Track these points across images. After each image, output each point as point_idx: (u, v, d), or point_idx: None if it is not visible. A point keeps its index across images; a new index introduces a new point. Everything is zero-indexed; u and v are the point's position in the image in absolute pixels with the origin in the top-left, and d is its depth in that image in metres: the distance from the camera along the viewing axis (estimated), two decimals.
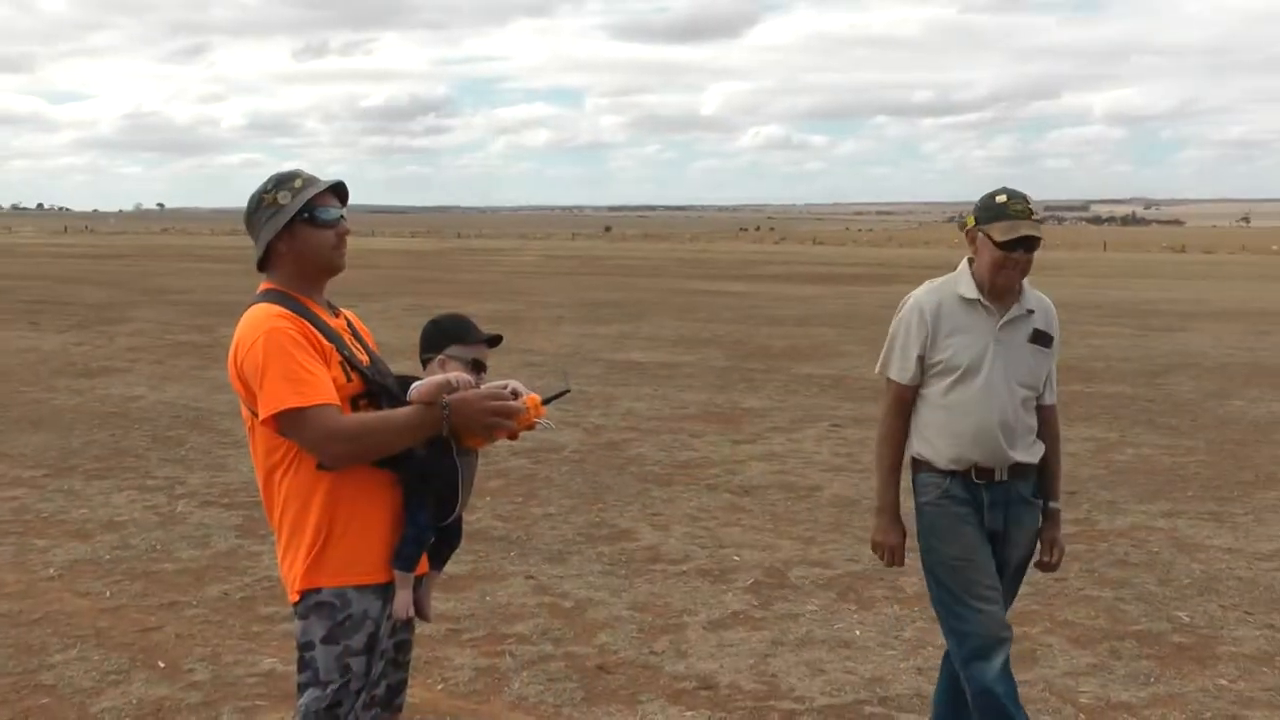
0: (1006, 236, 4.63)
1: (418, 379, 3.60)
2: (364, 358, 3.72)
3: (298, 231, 3.65)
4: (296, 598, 3.60)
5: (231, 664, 6.34)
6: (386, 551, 3.62)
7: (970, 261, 4.84)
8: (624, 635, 6.83)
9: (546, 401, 3.62)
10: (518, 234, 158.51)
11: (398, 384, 3.66)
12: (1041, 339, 4.81)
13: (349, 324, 3.83)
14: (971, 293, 4.78)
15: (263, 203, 3.69)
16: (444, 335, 3.77)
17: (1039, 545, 4.95)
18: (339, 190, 3.75)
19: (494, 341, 3.82)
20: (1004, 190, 4.76)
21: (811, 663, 6.45)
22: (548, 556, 8.35)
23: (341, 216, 3.72)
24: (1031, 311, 4.81)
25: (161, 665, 6.33)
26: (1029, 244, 4.67)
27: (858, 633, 6.93)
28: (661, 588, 7.71)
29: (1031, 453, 4.82)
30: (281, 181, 3.69)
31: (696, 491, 10.32)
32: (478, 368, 3.71)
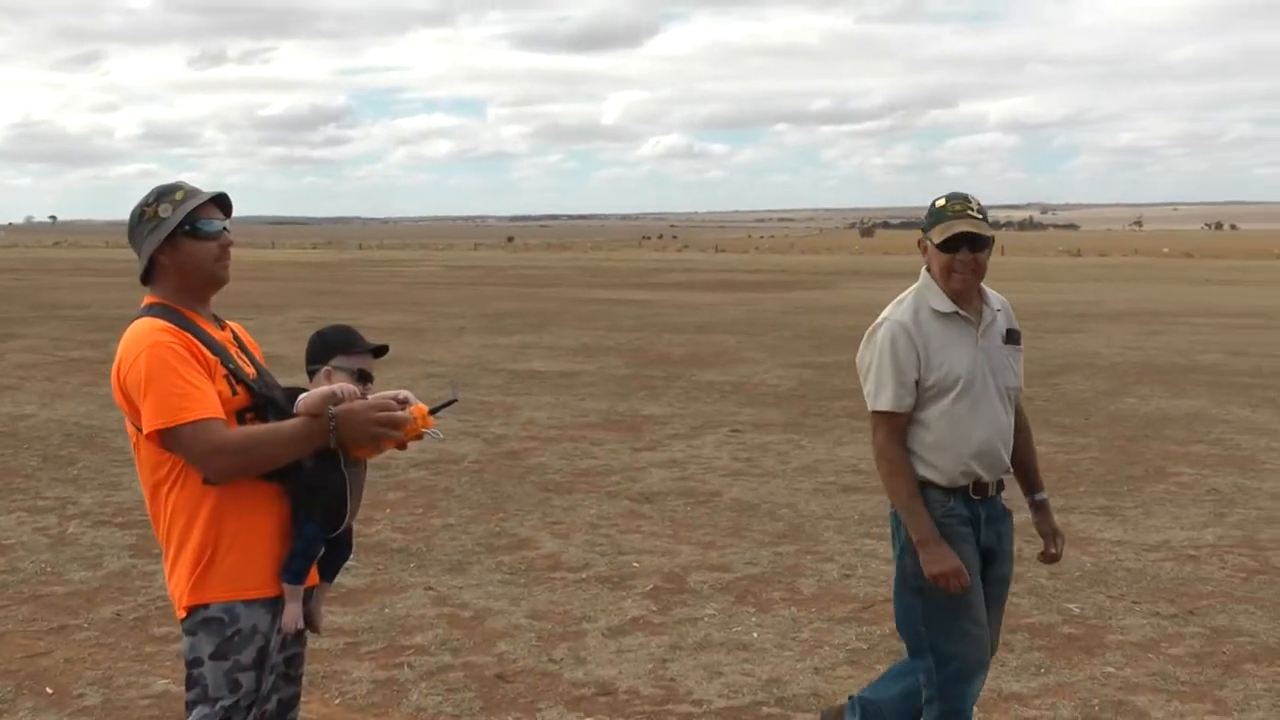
0: (942, 237, 4.54)
1: (305, 391, 3.59)
2: (250, 370, 3.69)
3: (180, 244, 3.62)
4: (184, 614, 3.58)
5: (124, 687, 6.23)
6: (275, 565, 3.60)
7: (929, 273, 4.70)
8: (523, 644, 6.83)
9: (434, 411, 3.63)
10: (419, 245, 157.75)
11: (285, 396, 3.65)
12: (1013, 337, 4.76)
13: (235, 336, 3.81)
14: (945, 305, 4.64)
15: (144, 216, 3.66)
16: (329, 346, 3.76)
17: (1043, 539, 4.90)
18: (222, 202, 3.73)
19: (379, 351, 3.82)
20: (947, 194, 4.69)
21: (709, 666, 6.48)
22: (447, 567, 8.32)
23: (224, 229, 3.70)
24: (999, 310, 4.76)
25: (50, 691, 6.19)
26: (971, 242, 4.53)
27: (755, 635, 6.98)
28: (561, 595, 7.72)
29: (1013, 454, 4.82)
30: (163, 194, 3.66)
31: (597, 499, 10.33)
32: (363, 378, 3.70)
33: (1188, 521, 9.55)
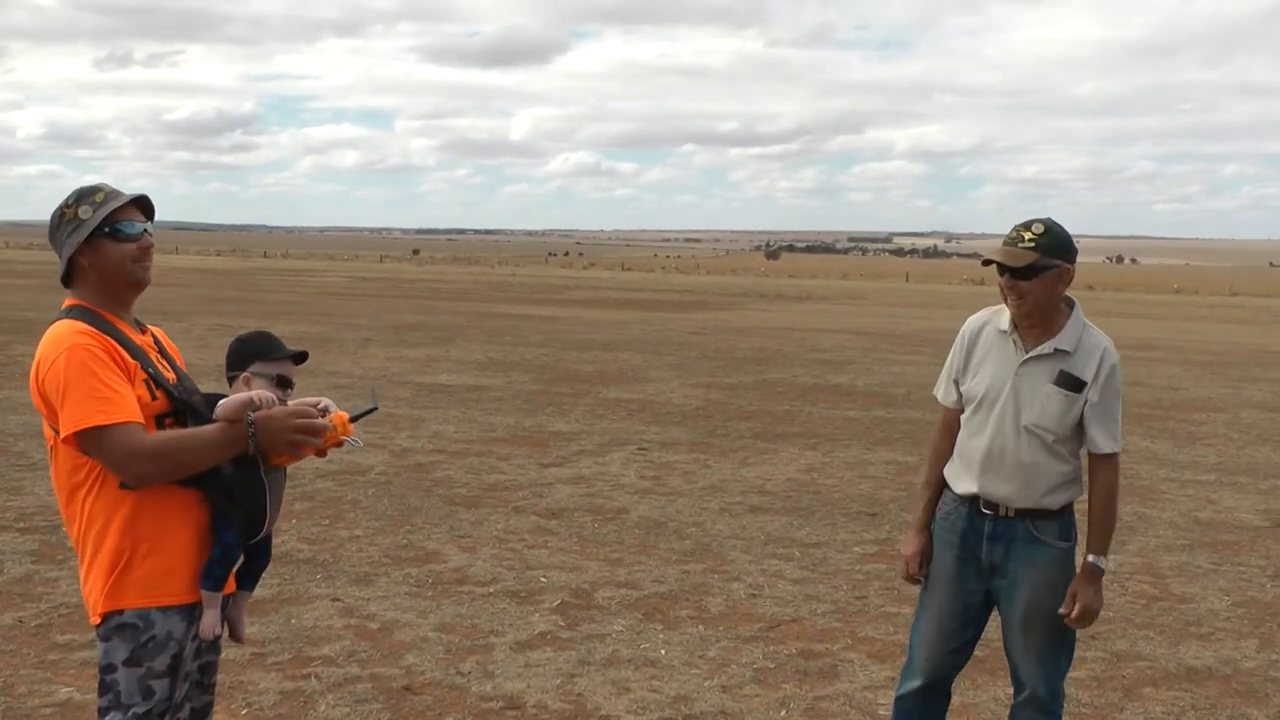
0: (985, 258, 4.67)
1: (226, 397, 3.58)
2: (170, 375, 3.68)
3: (99, 246, 3.60)
4: (98, 620, 3.54)
5: (25, 694, 6.14)
6: (192, 572, 3.58)
7: None
8: (431, 656, 6.82)
9: (354, 419, 3.64)
10: (325, 255, 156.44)
11: (204, 402, 3.64)
12: (1068, 382, 4.59)
13: (156, 341, 3.79)
14: (1005, 325, 4.71)
15: (64, 217, 3.64)
16: (249, 352, 3.76)
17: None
18: (143, 204, 3.71)
19: (299, 358, 3.82)
20: (1024, 221, 4.66)
21: (618, 682, 6.52)
22: (354, 578, 8.29)
23: (145, 230, 3.68)
24: (1066, 352, 4.61)
25: None
26: (1013, 271, 4.53)
27: (663, 652, 7.02)
28: (469, 609, 7.71)
29: (1050, 499, 4.65)
30: (83, 196, 3.64)
31: (504, 514, 10.33)
32: (283, 384, 3.70)
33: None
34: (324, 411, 3.58)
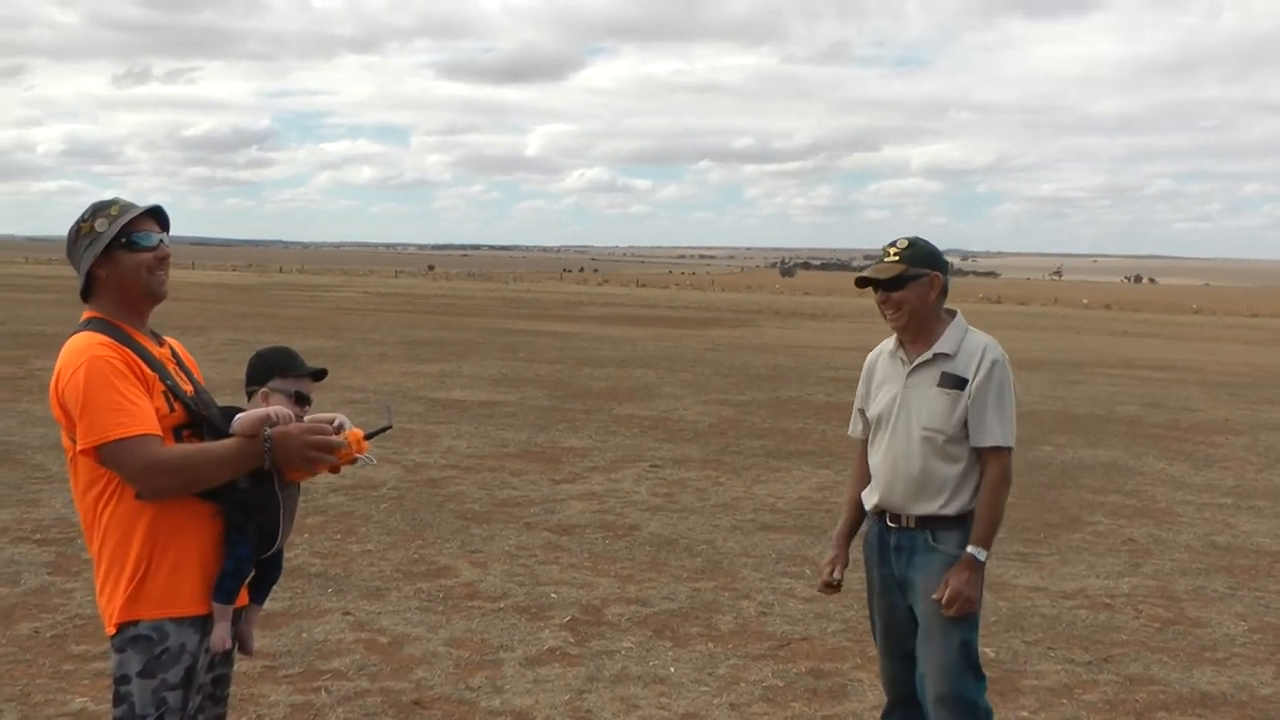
0: (856, 278, 4.87)
1: (242, 410, 3.62)
2: (188, 388, 3.71)
3: (116, 257, 3.64)
4: (114, 630, 3.56)
5: (41, 704, 6.19)
6: (206, 584, 3.61)
7: None
8: (441, 671, 6.85)
9: (369, 436, 3.67)
10: (340, 270, 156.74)
11: (221, 415, 3.67)
12: (950, 381, 4.72)
13: (174, 353, 3.82)
14: (891, 344, 4.96)
15: (81, 231, 3.67)
16: (268, 368, 3.79)
17: None
18: (159, 216, 3.75)
19: (318, 375, 3.85)
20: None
21: (626, 699, 6.54)
22: (365, 593, 8.33)
23: (161, 241, 3.72)
24: (947, 355, 4.77)
25: None
26: (875, 284, 4.77)
27: (672, 669, 7.04)
28: (479, 624, 7.74)
29: (948, 504, 4.73)
30: (99, 209, 3.68)
31: (515, 530, 10.36)
32: (301, 400, 3.74)
33: (1103, 570, 9.73)
34: (339, 429, 3.61)
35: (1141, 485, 13.80)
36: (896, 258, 4.75)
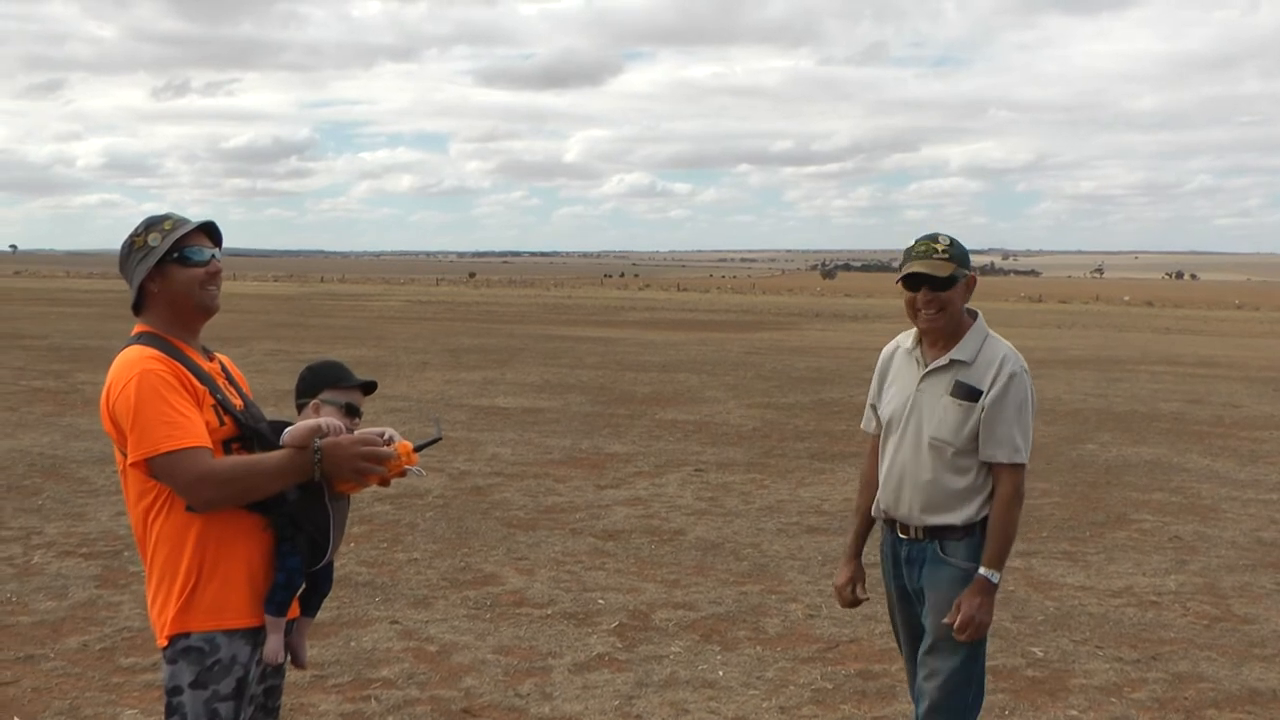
0: (898, 276, 4.65)
1: (291, 423, 3.63)
2: (238, 402, 3.74)
3: (168, 271, 3.67)
4: (165, 642, 3.58)
5: (91, 717, 6.22)
6: (257, 596, 3.63)
7: None
8: (489, 678, 6.86)
9: (418, 449, 3.67)
10: (381, 279, 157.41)
11: (270, 429, 3.69)
12: (963, 392, 4.58)
13: (223, 368, 3.85)
14: (909, 343, 4.81)
15: (134, 245, 3.70)
16: (319, 380, 3.81)
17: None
18: (211, 231, 3.78)
19: (369, 388, 3.87)
20: (924, 235, 4.73)
21: (676, 704, 6.53)
22: (412, 601, 8.35)
23: (213, 256, 3.74)
24: (963, 362, 4.62)
25: None
26: (928, 282, 4.57)
27: (721, 674, 7.04)
28: (526, 631, 7.76)
29: (955, 513, 4.61)
30: (152, 224, 3.71)
31: (561, 536, 10.38)
32: (352, 413, 3.76)
33: (1150, 568, 9.68)
34: (388, 441, 3.62)
35: (1186, 482, 13.70)
36: (946, 255, 4.57)
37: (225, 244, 3.84)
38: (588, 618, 8.07)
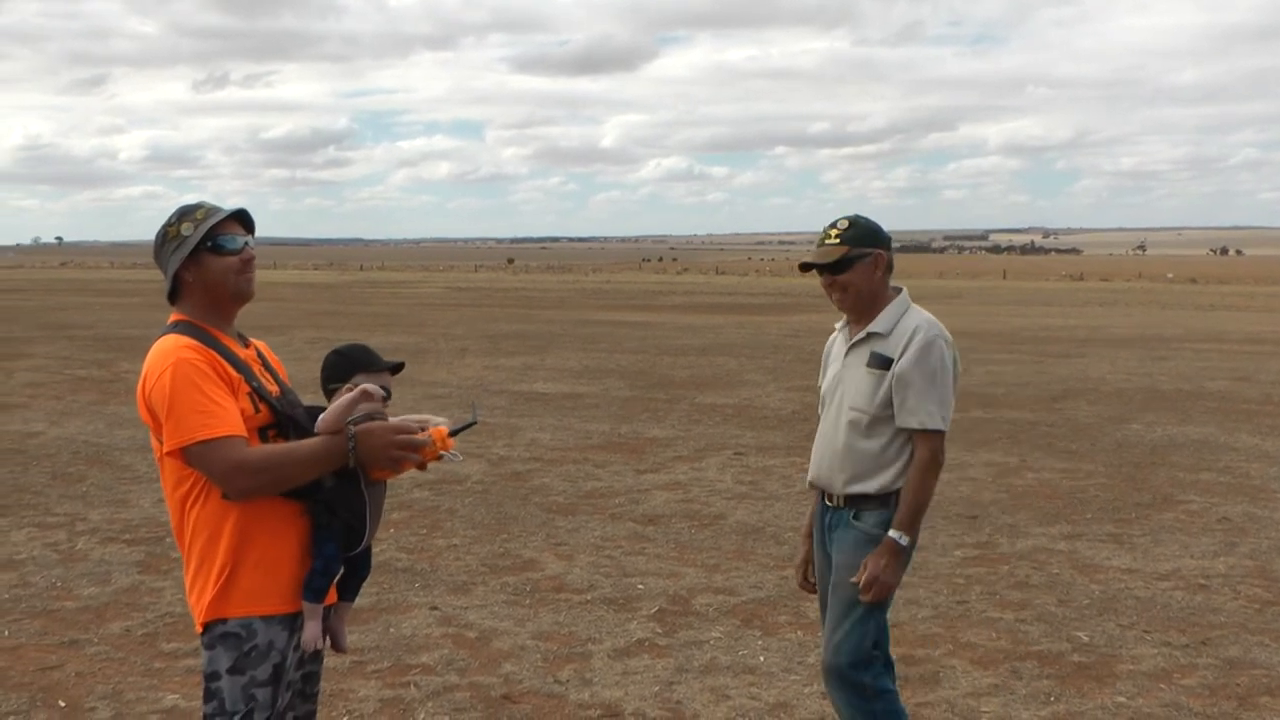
0: (800, 263, 4.92)
1: (326, 409, 3.61)
2: (273, 388, 3.73)
3: (202, 260, 3.66)
4: (203, 628, 3.58)
5: (133, 701, 6.26)
6: (294, 582, 3.62)
7: None
8: (529, 664, 6.85)
9: (454, 434, 3.64)
10: (420, 266, 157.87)
11: (306, 415, 3.67)
12: (877, 361, 4.71)
13: (260, 355, 3.84)
14: (839, 323, 5.02)
15: (168, 235, 3.70)
16: (351, 364, 3.78)
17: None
18: (244, 219, 3.77)
19: (396, 369, 3.86)
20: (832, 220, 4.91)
21: (716, 689, 6.50)
22: (452, 587, 8.35)
23: (246, 244, 3.73)
24: (879, 334, 4.76)
25: (62, 704, 6.23)
26: (827, 268, 4.75)
27: (762, 659, 7.00)
28: (566, 617, 7.74)
29: (870, 481, 4.73)
30: (185, 213, 3.71)
31: (601, 521, 10.35)
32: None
33: (1198, 550, 9.54)
34: (423, 428, 3.59)
35: (1235, 462, 13.54)
36: (838, 239, 4.75)
37: (265, 234, 3.84)
38: (627, 603, 8.04)
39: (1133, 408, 18.09)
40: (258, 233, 3.85)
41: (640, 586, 8.43)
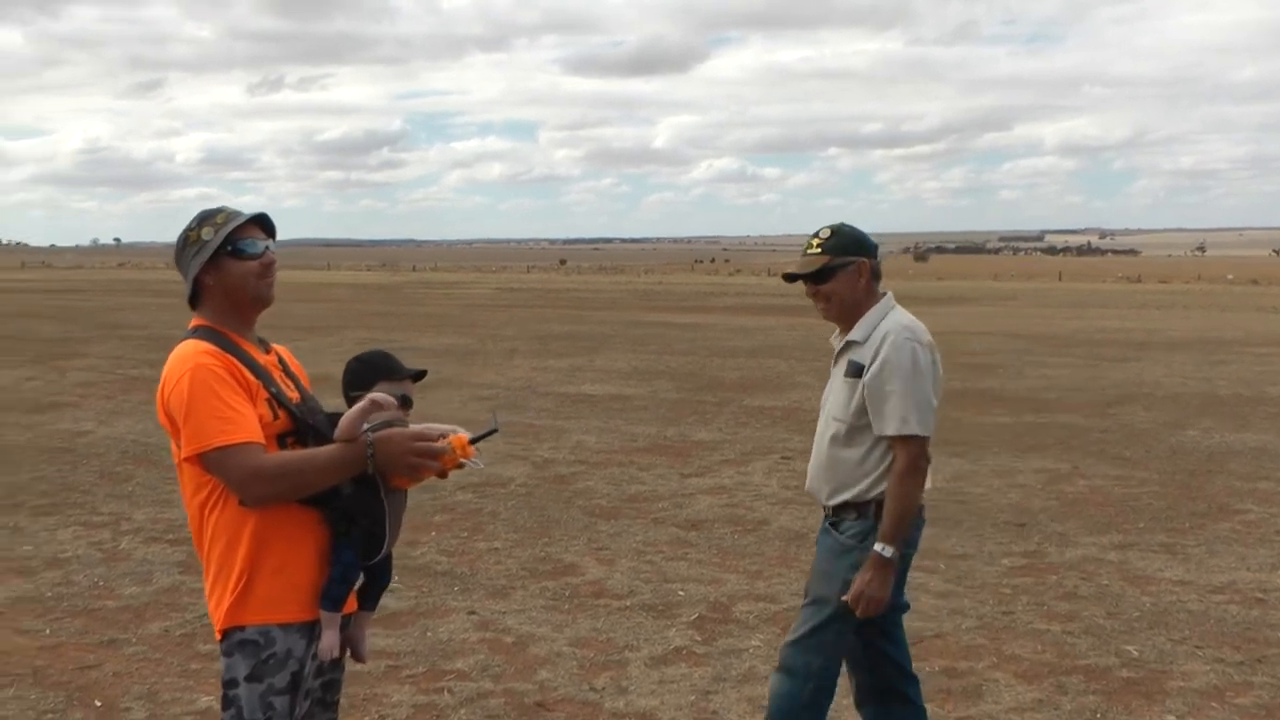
0: (783, 274, 5.01)
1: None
2: (293, 394, 3.68)
3: (222, 265, 3.64)
4: (221, 635, 3.56)
5: (169, 702, 6.26)
6: (312, 590, 3.57)
7: None
8: (564, 671, 6.78)
9: (474, 441, 3.58)
10: (473, 267, 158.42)
11: (327, 421, 3.63)
12: (853, 369, 4.71)
13: (281, 360, 3.80)
14: (835, 333, 5.02)
15: (188, 240, 3.68)
16: (373, 372, 3.73)
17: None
18: (264, 223, 3.74)
19: (419, 376, 3.80)
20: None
21: (753, 699, 6.40)
22: (491, 591, 8.30)
23: (266, 248, 3.70)
24: (856, 342, 4.75)
25: (98, 704, 6.24)
26: (809, 278, 4.81)
27: None
28: (604, 623, 7.67)
29: (849, 490, 4.71)
30: (205, 218, 3.68)
31: (643, 525, 10.29)
32: (405, 404, 3.68)
33: (1255, 562, 9.32)
34: (443, 435, 3.54)
35: None
36: (819, 249, 4.79)
37: (321, 235, 3.79)
38: (667, 610, 7.97)
39: (1189, 413, 17.81)
40: (313, 234, 3.84)
41: (681, 593, 8.35)
